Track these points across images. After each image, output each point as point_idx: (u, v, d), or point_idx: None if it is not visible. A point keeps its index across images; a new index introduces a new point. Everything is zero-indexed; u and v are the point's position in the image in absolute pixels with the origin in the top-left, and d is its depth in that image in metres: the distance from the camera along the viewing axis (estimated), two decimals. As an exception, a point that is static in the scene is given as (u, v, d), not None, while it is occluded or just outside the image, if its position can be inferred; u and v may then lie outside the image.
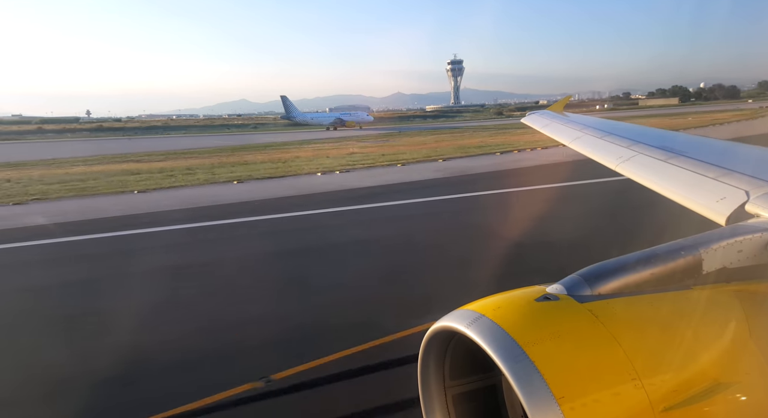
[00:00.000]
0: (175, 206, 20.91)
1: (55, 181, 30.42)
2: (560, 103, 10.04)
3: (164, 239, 15.95)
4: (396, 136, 70.74)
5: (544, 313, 1.74)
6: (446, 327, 1.78)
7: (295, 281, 11.41)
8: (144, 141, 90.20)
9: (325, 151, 46.25)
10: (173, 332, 8.71)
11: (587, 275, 1.89)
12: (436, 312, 1.98)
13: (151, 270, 12.15)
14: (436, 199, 20.29)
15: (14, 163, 45.00)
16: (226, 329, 8.74)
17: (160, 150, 56.61)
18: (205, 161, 40.86)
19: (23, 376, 7.42)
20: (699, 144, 4.63)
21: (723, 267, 2.09)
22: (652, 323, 1.80)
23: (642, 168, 4.23)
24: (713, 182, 3.35)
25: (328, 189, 23.94)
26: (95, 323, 9.29)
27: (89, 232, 16.69)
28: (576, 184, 21.01)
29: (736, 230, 2.27)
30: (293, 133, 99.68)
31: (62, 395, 6.94)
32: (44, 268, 13.19)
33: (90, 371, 7.33)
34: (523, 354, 1.55)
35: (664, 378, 1.62)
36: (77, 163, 43.34)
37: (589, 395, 1.53)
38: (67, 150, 61.92)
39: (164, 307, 9.87)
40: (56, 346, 8.35)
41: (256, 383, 6.68)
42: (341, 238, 15.07)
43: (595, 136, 5.62)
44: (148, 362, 7.60)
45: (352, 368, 7.16)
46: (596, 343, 1.64)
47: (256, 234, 16.36)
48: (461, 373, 2.01)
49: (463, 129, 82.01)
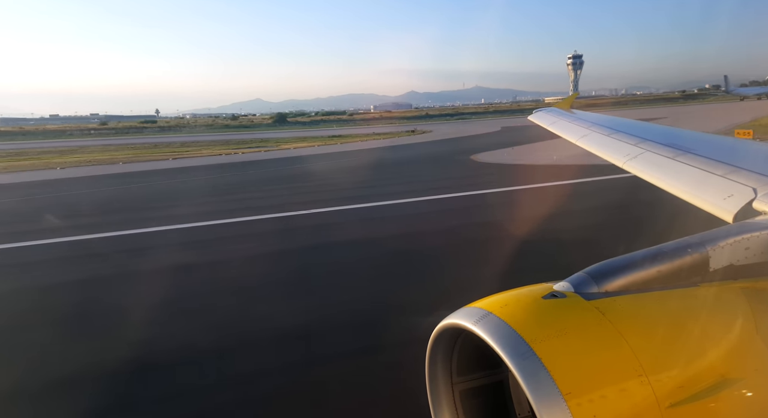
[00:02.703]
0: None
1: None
2: (567, 100, 9.99)
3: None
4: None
5: (551, 310, 1.75)
6: (454, 324, 1.80)
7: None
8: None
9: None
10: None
11: (594, 273, 1.90)
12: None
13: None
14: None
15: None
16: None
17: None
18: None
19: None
20: (707, 141, 4.60)
21: (730, 264, 2.08)
22: (659, 320, 1.80)
23: (649, 165, 4.21)
24: (721, 180, 3.33)
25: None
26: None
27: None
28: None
29: (744, 228, 2.26)
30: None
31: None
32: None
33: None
34: (530, 351, 1.57)
35: (670, 374, 1.63)
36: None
37: (595, 391, 1.54)
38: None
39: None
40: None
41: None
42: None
43: (603, 134, 5.60)
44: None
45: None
46: (603, 340, 1.65)
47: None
48: (469, 369, 2.03)
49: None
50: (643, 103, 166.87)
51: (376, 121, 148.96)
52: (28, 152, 70.96)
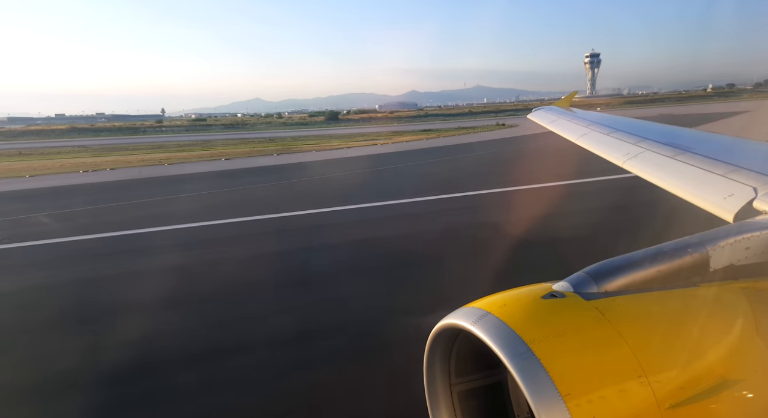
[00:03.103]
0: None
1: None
2: (567, 98, 9.94)
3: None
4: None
5: (551, 310, 1.74)
6: (452, 324, 1.78)
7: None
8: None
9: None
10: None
11: (594, 273, 1.88)
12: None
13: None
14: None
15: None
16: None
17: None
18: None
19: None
20: (706, 140, 4.59)
21: (730, 264, 2.07)
22: (659, 321, 1.79)
23: (649, 165, 4.20)
24: (721, 179, 3.31)
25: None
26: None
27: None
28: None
29: (744, 227, 2.25)
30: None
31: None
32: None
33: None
34: (529, 351, 1.55)
35: (670, 375, 1.61)
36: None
37: (594, 392, 1.53)
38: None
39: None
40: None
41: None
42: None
43: (602, 133, 5.59)
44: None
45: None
46: (602, 340, 1.64)
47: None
48: (467, 370, 2.01)
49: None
50: (679, 101, 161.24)
51: (419, 120, 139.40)
52: (189, 145, 66.85)
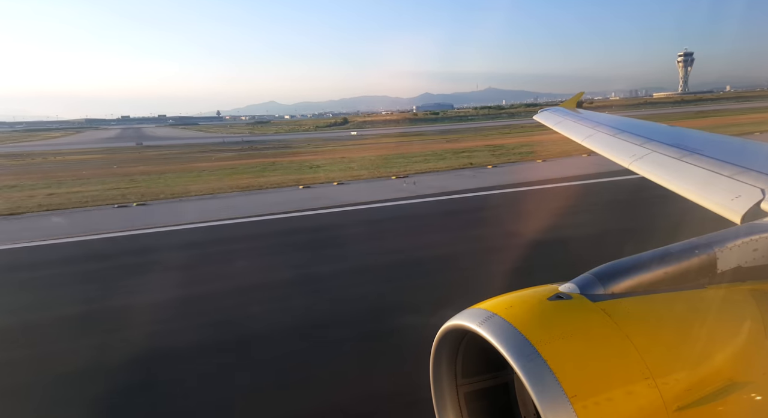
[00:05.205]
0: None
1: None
2: (573, 99, 9.89)
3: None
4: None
5: (557, 312, 1.74)
6: (458, 325, 1.78)
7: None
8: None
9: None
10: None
11: (600, 274, 1.88)
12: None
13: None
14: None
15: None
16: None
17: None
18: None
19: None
20: (714, 141, 4.56)
21: (738, 266, 2.06)
22: (666, 323, 1.78)
23: (656, 166, 4.18)
24: (728, 180, 3.29)
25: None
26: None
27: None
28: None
29: (752, 229, 2.23)
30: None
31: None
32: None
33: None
34: (536, 353, 1.55)
35: (677, 377, 1.61)
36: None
37: (601, 393, 1.53)
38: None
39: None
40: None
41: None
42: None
43: (608, 134, 5.56)
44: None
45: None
46: (609, 342, 1.64)
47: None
48: (473, 371, 2.01)
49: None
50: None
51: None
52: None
